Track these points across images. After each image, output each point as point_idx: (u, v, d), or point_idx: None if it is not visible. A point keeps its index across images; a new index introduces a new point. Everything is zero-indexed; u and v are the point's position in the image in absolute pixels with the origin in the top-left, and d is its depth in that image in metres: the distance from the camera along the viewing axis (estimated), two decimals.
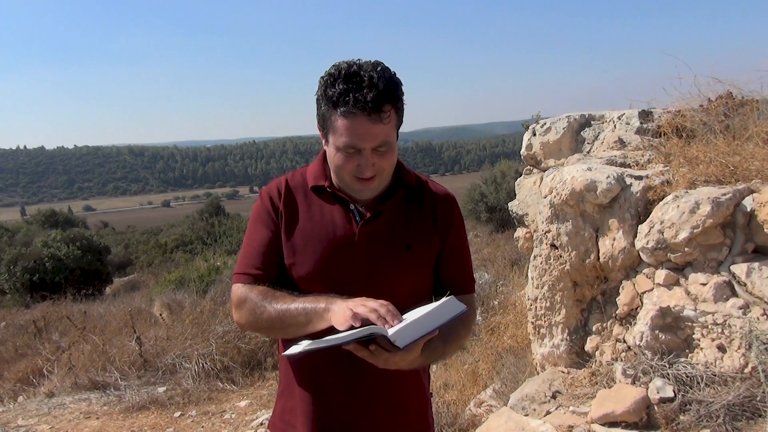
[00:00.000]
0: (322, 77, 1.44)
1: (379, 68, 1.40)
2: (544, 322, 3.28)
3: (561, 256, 3.15)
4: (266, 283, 1.50)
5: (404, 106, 1.48)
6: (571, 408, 2.82)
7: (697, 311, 2.67)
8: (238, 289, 1.54)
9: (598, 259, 3.05)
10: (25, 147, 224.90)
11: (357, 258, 1.48)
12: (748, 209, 2.65)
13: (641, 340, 2.81)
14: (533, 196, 4.30)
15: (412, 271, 1.52)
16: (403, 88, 1.46)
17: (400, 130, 1.54)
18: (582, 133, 4.10)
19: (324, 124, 1.46)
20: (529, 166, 4.50)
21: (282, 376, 1.62)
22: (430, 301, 1.54)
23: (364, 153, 1.41)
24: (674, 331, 2.77)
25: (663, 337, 2.77)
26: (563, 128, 4.11)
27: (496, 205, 16.12)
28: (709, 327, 2.64)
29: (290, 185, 1.57)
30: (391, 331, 1.22)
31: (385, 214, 1.52)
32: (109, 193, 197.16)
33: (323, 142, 1.50)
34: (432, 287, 1.58)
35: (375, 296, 1.37)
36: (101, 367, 5.93)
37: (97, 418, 5.02)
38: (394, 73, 1.43)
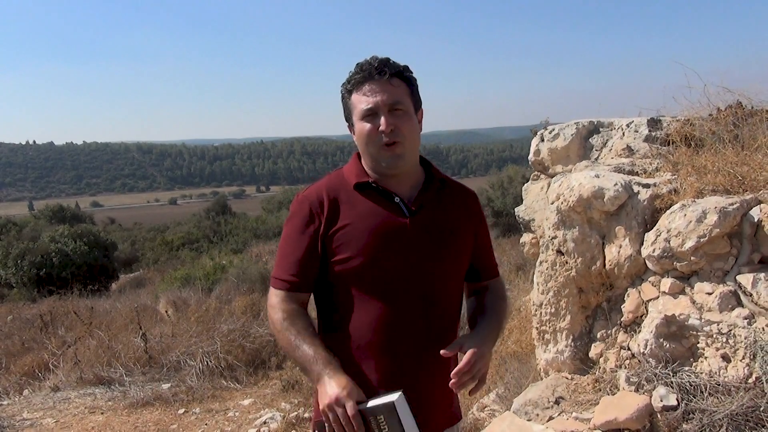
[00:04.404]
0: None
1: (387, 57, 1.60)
2: (549, 327, 3.29)
3: (567, 263, 3.15)
4: (302, 290, 1.59)
5: (418, 90, 1.63)
6: (573, 414, 2.82)
7: (702, 320, 2.67)
8: (273, 297, 1.60)
9: (604, 266, 3.05)
10: (34, 142, 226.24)
11: (409, 247, 1.57)
12: (756, 219, 2.65)
13: (645, 348, 2.81)
14: (540, 202, 4.31)
15: (456, 256, 1.65)
16: (413, 75, 1.63)
17: None
18: (590, 140, 4.10)
19: (348, 114, 1.61)
20: (536, 172, 4.51)
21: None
22: (461, 291, 1.74)
23: (381, 113, 1.54)
24: (679, 340, 2.77)
25: (667, 345, 2.78)
26: (571, 135, 4.12)
27: (503, 209, 16.12)
28: (714, 336, 2.64)
29: (330, 189, 1.63)
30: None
31: (430, 204, 1.63)
32: (116, 190, 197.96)
33: (353, 136, 1.62)
34: (464, 273, 1.73)
35: (424, 283, 1.57)
36: (106, 363, 5.97)
37: (102, 413, 5.06)
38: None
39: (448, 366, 1.61)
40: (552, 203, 3.22)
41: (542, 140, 4.30)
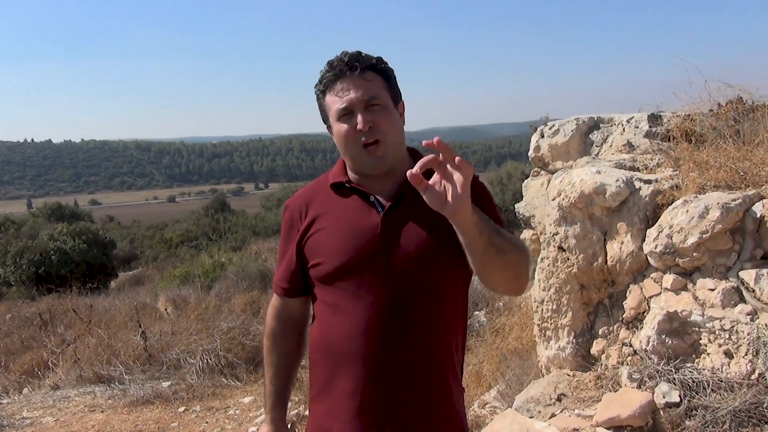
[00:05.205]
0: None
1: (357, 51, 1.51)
2: (550, 324, 3.28)
3: (568, 259, 3.14)
4: (294, 295, 1.62)
5: (396, 82, 1.53)
6: (576, 411, 2.81)
7: (705, 316, 2.66)
8: (272, 300, 1.69)
9: (606, 262, 3.04)
10: (32, 140, 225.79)
11: (383, 248, 1.46)
12: (758, 215, 2.64)
13: (648, 345, 2.81)
14: (540, 198, 4.30)
15: (442, 253, 1.46)
16: (389, 65, 1.52)
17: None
18: (590, 135, 4.09)
19: (325, 115, 1.53)
20: (536, 168, 4.50)
21: (315, 379, 1.56)
22: (462, 288, 1.55)
23: (357, 111, 1.44)
24: (681, 336, 2.76)
25: (670, 341, 2.77)
26: (572, 131, 4.11)
27: (502, 206, 16.11)
28: (717, 332, 2.64)
29: (311, 193, 1.60)
30: None
31: (407, 200, 1.48)
32: (115, 188, 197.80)
33: (333, 138, 1.53)
34: (463, 274, 1.52)
35: (398, 286, 1.44)
36: (106, 361, 5.96)
37: (102, 412, 5.05)
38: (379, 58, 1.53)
39: (437, 376, 1.48)
40: (553, 199, 3.20)
41: (542, 136, 4.29)
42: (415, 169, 1.21)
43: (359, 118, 1.44)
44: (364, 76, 1.46)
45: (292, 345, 1.66)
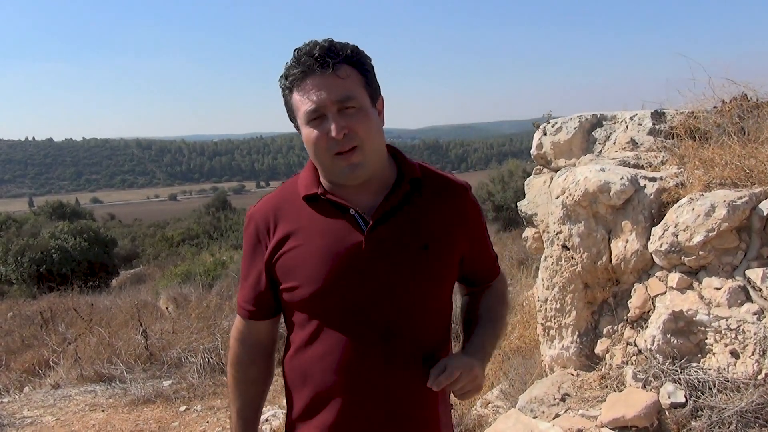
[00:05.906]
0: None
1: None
2: (554, 323, 3.25)
3: (572, 258, 3.12)
4: (260, 318, 1.46)
5: (374, 75, 1.35)
6: (580, 411, 2.79)
7: (711, 316, 2.63)
8: (236, 322, 1.51)
9: (611, 261, 3.01)
10: (33, 138, 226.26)
11: (367, 270, 1.31)
12: (764, 213, 2.61)
13: (653, 344, 2.78)
14: (543, 196, 4.27)
15: (432, 274, 1.35)
16: (366, 56, 1.34)
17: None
18: (593, 133, 4.05)
19: (292, 115, 1.35)
20: (539, 166, 4.47)
21: (293, 404, 1.44)
22: (450, 306, 1.45)
23: (329, 115, 1.26)
24: (686, 336, 2.73)
25: (675, 341, 2.74)
26: (574, 128, 4.07)
27: (503, 204, 16.11)
28: (723, 332, 2.61)
29: (278, 205, 1.41)
30: None
31: (397, 213, 1.34)
32: (116, 186, 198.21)
33: (302, 138, 1.36)
34: (452, 288, 1.45)
35: (384, 312, 1.31)
36: (107, 360, 5.94)
37: (103, 411, 5.03)
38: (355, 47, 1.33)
39: (425, 403, 1.38)
40: (557, 198, 3.18)
41: (545, 134, 4.25)
42: (435, 386, 1.27)
43: (332, 125, 1.25)
44: (338, 73, 1.26)
45: (261, 371, 1.49)
